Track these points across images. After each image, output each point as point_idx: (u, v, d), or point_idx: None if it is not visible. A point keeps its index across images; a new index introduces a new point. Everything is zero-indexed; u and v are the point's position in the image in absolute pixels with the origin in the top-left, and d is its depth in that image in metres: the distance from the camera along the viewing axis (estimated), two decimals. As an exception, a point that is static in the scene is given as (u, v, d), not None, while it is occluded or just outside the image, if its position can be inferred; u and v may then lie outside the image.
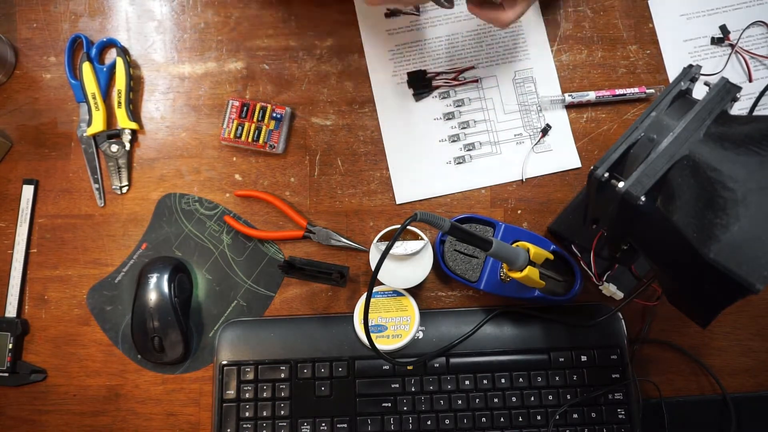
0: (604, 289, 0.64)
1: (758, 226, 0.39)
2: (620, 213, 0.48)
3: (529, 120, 0.70)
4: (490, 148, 0.70)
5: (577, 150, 0.69)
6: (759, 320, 0.67)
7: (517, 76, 0.71)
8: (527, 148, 0.69)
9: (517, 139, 0.70)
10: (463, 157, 0.69)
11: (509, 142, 0.70)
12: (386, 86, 0.70)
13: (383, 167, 0.69)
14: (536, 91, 0.70)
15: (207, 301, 0.67)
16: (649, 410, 0.64)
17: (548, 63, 0.71)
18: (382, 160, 0.69)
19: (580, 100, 0.69)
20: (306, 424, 0.63)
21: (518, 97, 0.70)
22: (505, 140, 0.70)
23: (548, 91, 0.70)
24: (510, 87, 0.71)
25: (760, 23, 0.71)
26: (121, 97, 0.69)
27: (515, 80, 0.71)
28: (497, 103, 0.70)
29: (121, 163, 0.69)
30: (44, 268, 0.68)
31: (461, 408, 0.63)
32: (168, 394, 0.66)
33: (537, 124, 0.70)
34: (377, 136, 0.70)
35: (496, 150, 0.69)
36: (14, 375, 0.65)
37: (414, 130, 0.70)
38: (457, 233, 0.50)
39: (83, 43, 0.70)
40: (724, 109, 0.47)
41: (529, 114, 0.70)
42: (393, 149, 0.70)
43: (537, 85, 0.71)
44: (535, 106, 0.70)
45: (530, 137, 0.69)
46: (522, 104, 0.70)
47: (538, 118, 0.70)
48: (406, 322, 0.64)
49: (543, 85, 0.71)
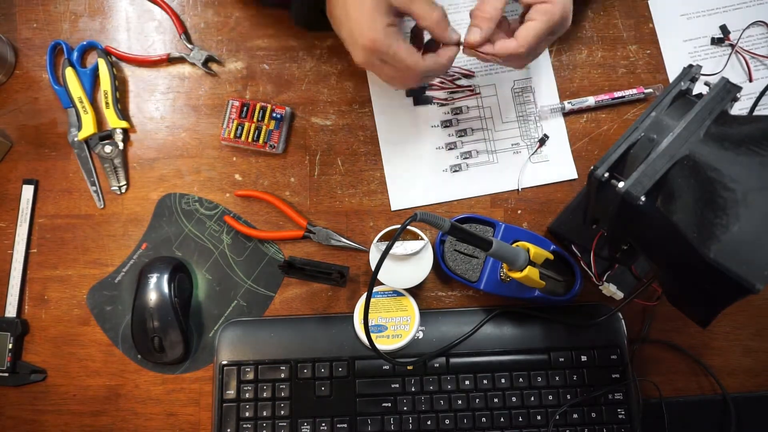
0: (604, 289, 0.64)
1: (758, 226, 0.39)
2: (620, 213, 0.48)
3: (527, 130, 0.69)
4: (487, 157, 0.69)
5: (574, 158, 0.69)
6: (759, 320, 0.67)
7: (516, 85, 0.70)
8: (524, 158, 0.69)
9: (515, 149, 0.69)
10: (459, 165, 0.69)
11: (506, 152, 0.69)
12: (385, 92, 0.70)
13: (383, 167, 0.69)
14: (535, 101, 0.70)
15: (207, 301, 0.67)
16: (649, 410, 0.64)
17: (548, 73, 0.71)
18: (382, 160, 0.69)
19: (580, 107, 0.69)
20: (306, 424, 0.63)
21: (516, 107, 0.70)
22: (502, 149, 0.69)
23: (547, 101, 0.70)
24: (509, 96, 0.70)
25: (760, 23, 0.71)
26: (108, 97, 0.69)
27: (514, 90, 0.70)
28: (495, 112, 0.70)
29: (117, 163, 0.69)
30: (44, 268, 0.68)
31: (461, 408, 0.63)
32: (168, 394, 0.66)
33: (535, 134, 0.69)
34: (377, 137, 0.70)
35: (493, 159, 0.69)
36: (14, 375, 0.65)
37: (411, 136, 0.70)
38: (457, 233, 0.50)
39: (63, 49, 0.70)
40: (724, 109, 0.47)
41: (527, 124, 0.70)
42: (389, 155, 0.69)
43: (536, 96, 0.70)
44: (533, 116, 0.70)
45: (527, 147, 0.69)
46: (520, 114, 0.70)
47: (536, 128, 0.70)
48: (406, 322, 0.64)
49: (542, 95, 0.70)
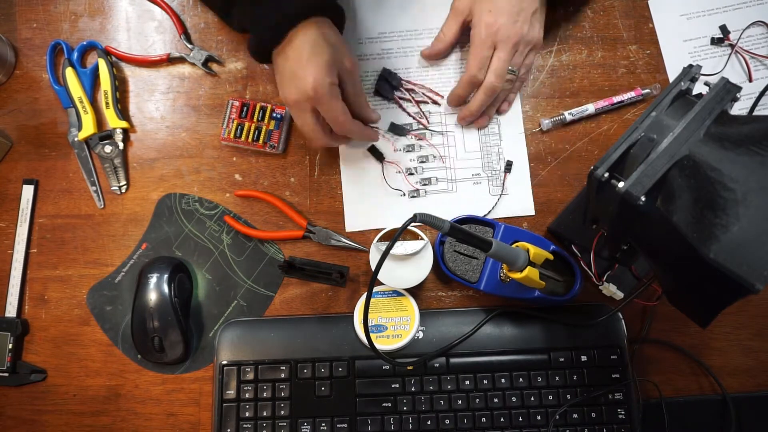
0: (604, 289, 0.64)
1: (758, 226, 0.39)
2: (620, 213, 0.48)
3: (489, 162, 0.69)
4: (447, 185, 0.69)
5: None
6: (759, 320, 0.67)
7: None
8: (484, 189, 0.68)
9: (475, 179, 0.69)
10: (417, 191, 0.69)
11: (466, 181, 0.69)
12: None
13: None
14: (499, 133, 0.69)
15: (207, 301, 0.67)
16: (649, 410, 0.64)
17: (515, 105, 0.70)
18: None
19: (581, 115, 0.69)
20: (306, 424, 0.63)
21: (480, 137, 0.69)
22: (462, 179, 0.69)
23: (513, 131, 0.69)
24: (473, 126, 0.70)
25: (760, 23, 0.71)
26: (108, 97, 0.69)
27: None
28: (459, 140, 0.70)
29: (117, 162, 0.69)
30: (44, 268, 0.68)
31: (461, 408, 0.63)
32: (168, 394, 0.66)
33: (497, 166, 0.69)
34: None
35: (452, 188, 0.69)
36: (14, 375, 0.65)
37: (371, 158, 0.69)
38: (456, 234, 0.50)
39: (63, 49, 0.70)
40: (724, 109, 0.47)
41: (490, 155, 0.69)
42: (348, 175, 0.69)
43: (501, 127, 0.70)
44: (496, 148, 0.69)
45: (488, 178, 0.69)
46: (484, 144, 0.69)
47: (498, 160, 0.69)
48: (406, 322, 0.64)
49: (507, 126, 0.70)
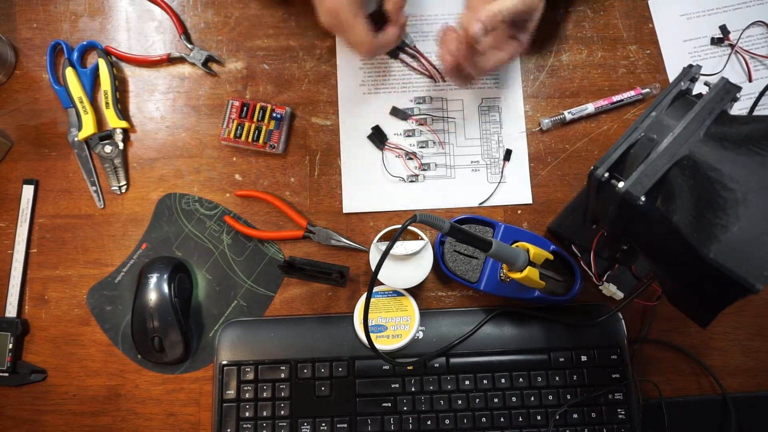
0: (604, 289, 0.64)
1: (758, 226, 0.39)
2: (620, 213, 0.48)
3: (489, 149, 0.69)
4: (445, 171, 0.69)
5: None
6: (759, 320, 0.67)
7: (483, 103, 0.70)
8: (482, 176, 0.68)
9: (473, 167, 0.69)
10: (416, 176, 0.69)
11: (465, 168, 0.69)
12: (352, 93, 0.70)
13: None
14: (500, 121, 0.69)
15: (207, 301, 0.67)
16: (649, 410, 0.64)
17: (517, 95, 0.70)
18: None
19: (580, 115, 0.69)
20: (306, 424, 0.63)
21: (481, 125, 0.69)
22: (461, 165, 0.69)
23: (514, 121, 0.69)
24: (474, 113, 0.70)
25: (760, 23, 0.71)
26: (108, 97, 0.69)
27: (481, 107, 0.70)
28: (459, 127, 0.69)
29: (117, 162, 0.69)
30: (44, 268, 0.68)
31: (461, 408, 0.63)
32: (168, 394, 0.66)
33: (496, 154, 0.69)
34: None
35: (450, 174, 0.69)
36: (14, 375, 0.65)
37: (372, 146, 0.69)
38: (456, 234, 0.50)
39: (63, 49, 0.70)
40: (724, 109, 0.47)
41: (489, 143, 0.69)
42: (347, 157, 0.69)
43: (502, 115, 0.70)
44: (496, 136, 0.69)
45: (486, 166, 0.69)
46: (484, 132, 0.69)
47: (497, 148, 0.69)
48: (406, 322, 0.64)
49: (508, 115, 0.70)
